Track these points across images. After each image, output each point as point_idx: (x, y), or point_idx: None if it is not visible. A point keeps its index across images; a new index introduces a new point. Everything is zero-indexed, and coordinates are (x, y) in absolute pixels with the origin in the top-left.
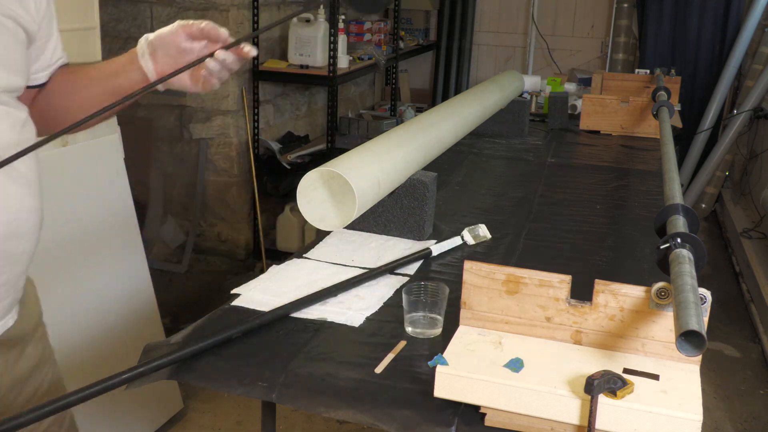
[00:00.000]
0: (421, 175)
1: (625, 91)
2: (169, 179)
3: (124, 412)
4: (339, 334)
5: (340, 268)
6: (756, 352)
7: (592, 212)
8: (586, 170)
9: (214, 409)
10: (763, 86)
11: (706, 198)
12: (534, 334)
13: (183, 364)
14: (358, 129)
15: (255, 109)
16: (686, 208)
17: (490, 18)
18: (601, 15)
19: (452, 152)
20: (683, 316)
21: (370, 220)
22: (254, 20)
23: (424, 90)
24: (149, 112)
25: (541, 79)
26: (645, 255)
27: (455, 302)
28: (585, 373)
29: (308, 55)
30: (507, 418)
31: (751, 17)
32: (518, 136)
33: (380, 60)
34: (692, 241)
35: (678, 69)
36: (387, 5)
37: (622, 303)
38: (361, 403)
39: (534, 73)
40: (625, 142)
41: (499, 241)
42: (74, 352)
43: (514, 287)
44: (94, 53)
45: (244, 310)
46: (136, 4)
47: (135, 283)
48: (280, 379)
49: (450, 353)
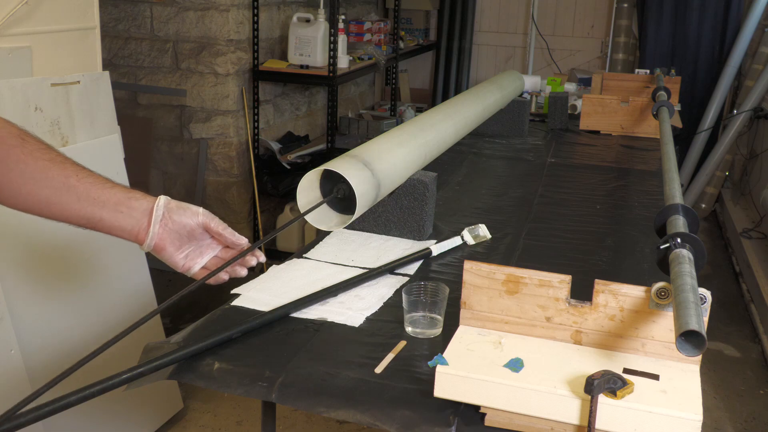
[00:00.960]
0: (421, 175)
1: (625, 91)
2: (169, 179)
3: (124, 412)
4: (339, 334)
5: (340, 268)
6: (756, 352)
7: (592, 212)
8: (586, 170)
9: (214, 409)
10: (763, 86)
11: (706, 198)
12: (534, 334)
13: (183, 364)
14: (358, 129)
15: (255, 109)
16: (686, 208)
17: (490, 18)
18: (601, 15)
19: (452, 152)
20: (683, 316)
21: (370, 220)
22: (254, 20)
23: (424, 90)
24: (149, 112)
25: (541, 79)
26: (645, 255)
27: (455, 302)
28: (585, 373)
29: (308, 55)
30: (507, 418)
31: (751, 17)
32: (518, 136)
33: (380, 60)
34: (692, 241)
35: (678, 69)
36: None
37: (622, 303)
38: (361, 403)
39: (534, 73)
40: (625, 142)
41: (499, 241)
42: (74, 352)
43: (514, 287)
44: (94, 53)
45: (244, 310)
46: (136, 4)
47: (135, 283)
48: (280, 379)
49: (450, 353)
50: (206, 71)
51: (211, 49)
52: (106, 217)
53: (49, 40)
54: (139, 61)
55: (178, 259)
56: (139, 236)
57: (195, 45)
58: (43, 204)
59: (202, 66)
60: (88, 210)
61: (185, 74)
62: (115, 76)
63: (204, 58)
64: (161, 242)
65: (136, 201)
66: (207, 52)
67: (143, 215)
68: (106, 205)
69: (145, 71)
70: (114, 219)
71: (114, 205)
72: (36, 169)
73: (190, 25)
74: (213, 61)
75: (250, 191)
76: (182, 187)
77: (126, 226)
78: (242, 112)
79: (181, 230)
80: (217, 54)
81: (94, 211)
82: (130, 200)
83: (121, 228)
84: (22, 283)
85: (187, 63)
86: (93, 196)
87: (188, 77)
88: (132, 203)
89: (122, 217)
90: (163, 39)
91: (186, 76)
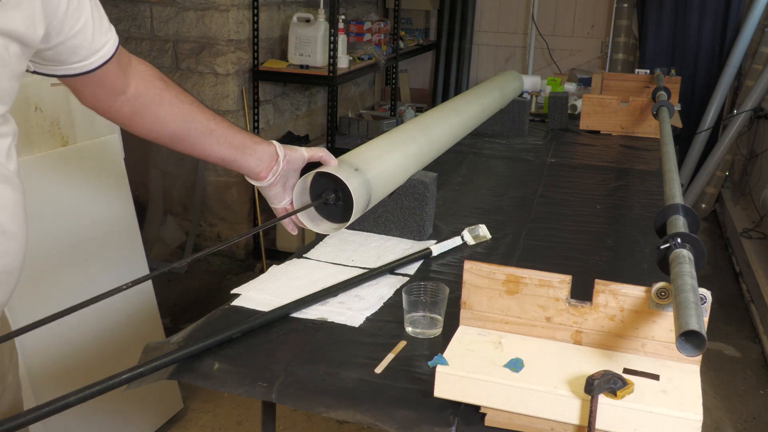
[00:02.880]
0: (421, 175)
1: (625, 91)
2: (169, 179)
3: (124, 412)
4: (339, 334)
5: (340, 268)
6: (756, 352)
7: (592, 212)
8: (586, 170)
9: (214, 409)
10: (763, 86)
11: (706, 198)
12: (534, 334)
13: (183, 364)
14: (358, 129)
15: (255, 109)
16: (686, 208)
17: (490, 18)
18: (601, 15)
19: (452, 152)
20: (683, 316)
21: (370, 221)
22: (254, 20)
23: (424, 90)
24: None
25: (541, 79)
26: (645, 255)
27: (455, 302)
28: (585, 373)
29: (308, 55)
30: (507, 418)
31: (751, 17)
32: (518, 136)
33: (380, 60)
34: (692, 241)
35: (678, 69)
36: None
37: (622, 303)
38: (361, 403)
39: (534, 73)
40: (625, 142)
41: (499, 241)
42: (74, 352)
43: (514, 287)
44: None
45: (244, 310)
46: (136, 4)
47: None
48: (280, 379)
49: (450, 353)
50: (206, 71)
51: (211, 49)
52: (239, 158)
53: None
54: None
55: (275, 196)
56: (260, 174)
57: (195, 45)
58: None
59: (202, 66)
60: (226, 152)
61: (185, 74)
62: None
63: (204, 58)
64: (277, 180)
65: (259, 145)
66: (207, 52)
67: (266, 157)
68: (239, 148)
69: None
70: (243, 160)
71: (243, 148)
72: (184, 111)
73: (190, 25)
74: (213, 61)
75: (250, 191)
76: (182, 187)
77: (252, 166)
78: (242, 112)
79: (288, 170)
80: (217, 54)
81: (230, 152)
82: (255, 144)
83: (248, 167)
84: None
85: (187, 63)
86: (229, 139)
87: (188, 77)
88: (256, 147)
89: (250, 159)
90: (163, 39)
91: (186, 76)
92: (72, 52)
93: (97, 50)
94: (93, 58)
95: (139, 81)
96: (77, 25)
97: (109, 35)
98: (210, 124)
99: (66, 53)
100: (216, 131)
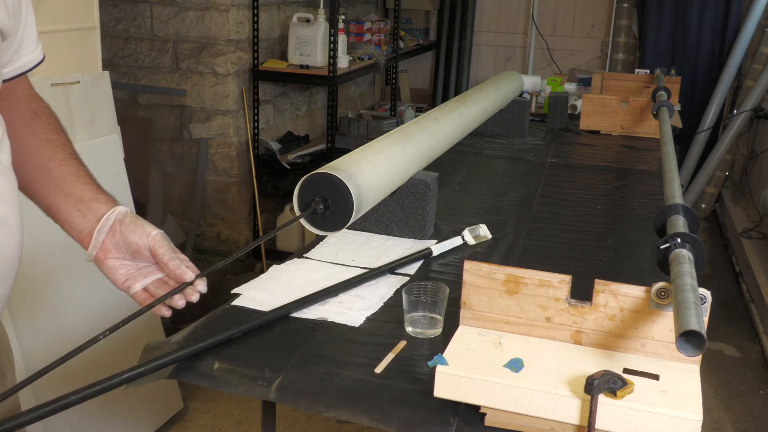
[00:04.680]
0: (422, 175)
1: (625, 91)
2: (169, 179)
3: (124, 412)
4: (339, 334)
5: (340, 268)
6: (756, 352)
7: (592, 212)
8: (586, 170)
9: (214, 409)
10: (763, 86)
11: (706, 198)
12: (534, 334)
13: (183, 364)
14: (358, 129)
15: (255, 109)
16: (686, 208)
17: (490, 18)
18: (601, 15)
19: (452, 152)
20: (683, 316)
21: (371, 220)
22: (254, 20)
23: (424, 90)
24: (149, 112)
25: (541, 79)
26: (645, 255)
27: (455, 302)
28: (585, 373)
29: (308, 55)
30: (507, 418)
31: (751, 17)
32: (518, 136)
33: (380, 60)
34: (692, 241)
35: (678, 69)
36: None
37: (622, 303)
38: (361, 403)
39: (534, 73)
40: (625, 142)
41: (499, 241)
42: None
43: (514, 287)
44: (94, 53)
45: (244, 310)
46: (136, 4)
47: None
48: (280, 378)
49: (450, 353)
50: (206, 71)
51: (211, 49)
52: (63, 211)
53: (49, 40)
54: (139, 61)
55: (119, 275)
56: (84, 240)
57: (195, 45)
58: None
59: (202, 66)
60: (52, 197)
61: (185, 74)
62: (115, 76)
63: (204, 58)
64: (103, 254)
65: (97, 203)
66: (207, 52)
67: (95, 220)
68: (68, 198)
69: (145, 71)
70: (69, 215)
71: (75, 201)
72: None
73: (190, 25)
74: (213, 61)
75: (250, 191)
76: (182, 187)
77: (77, 226)
78: (242, 112)
79: (127, 246)
80: (217, 54)
81: (57, 200)
82: (92, 201)
83: (72, 226)
84: (22, 282)
85: (187, 63)
86: (62, 185)
87: (188, 77)
88: (92, 204)
89: (77, 216)
90: (163, 39)
91: (186, 76)
92: (16, 50)
93: (30, 53)
94: (25, 60)
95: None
96: (29, 23)
97: (38, 49)
98: (50, 163)
99: (10, 52)
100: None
